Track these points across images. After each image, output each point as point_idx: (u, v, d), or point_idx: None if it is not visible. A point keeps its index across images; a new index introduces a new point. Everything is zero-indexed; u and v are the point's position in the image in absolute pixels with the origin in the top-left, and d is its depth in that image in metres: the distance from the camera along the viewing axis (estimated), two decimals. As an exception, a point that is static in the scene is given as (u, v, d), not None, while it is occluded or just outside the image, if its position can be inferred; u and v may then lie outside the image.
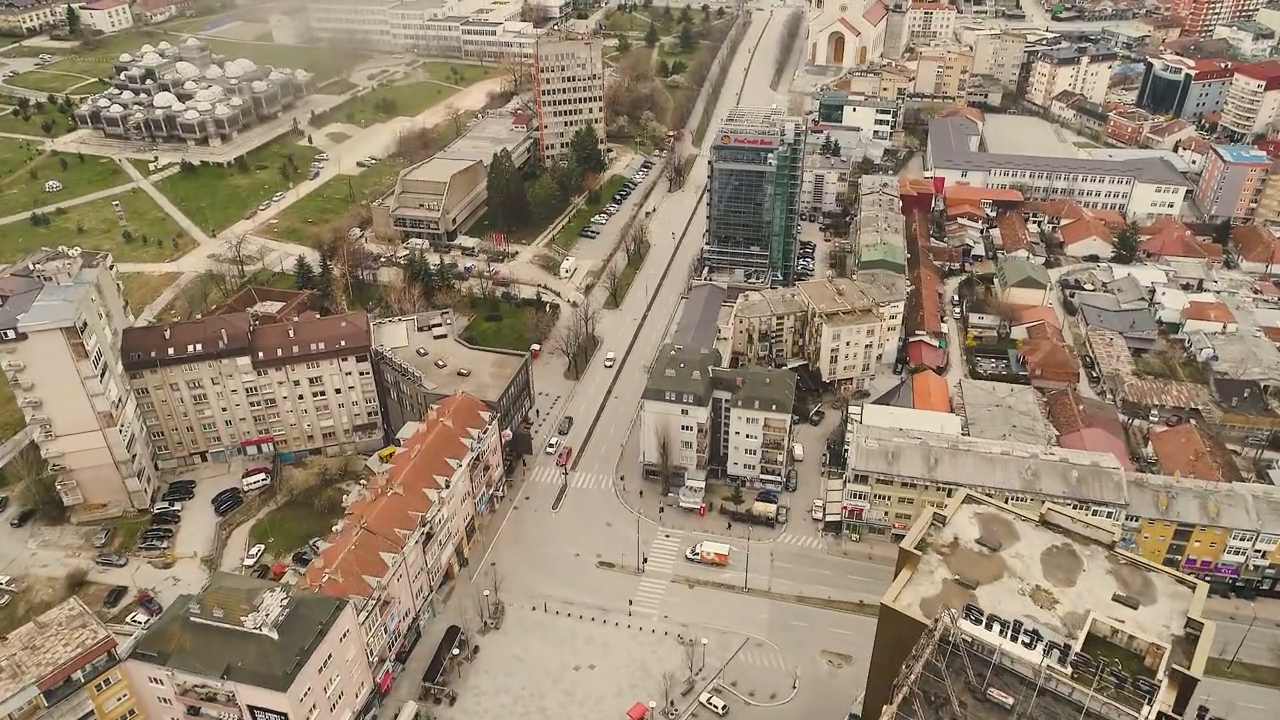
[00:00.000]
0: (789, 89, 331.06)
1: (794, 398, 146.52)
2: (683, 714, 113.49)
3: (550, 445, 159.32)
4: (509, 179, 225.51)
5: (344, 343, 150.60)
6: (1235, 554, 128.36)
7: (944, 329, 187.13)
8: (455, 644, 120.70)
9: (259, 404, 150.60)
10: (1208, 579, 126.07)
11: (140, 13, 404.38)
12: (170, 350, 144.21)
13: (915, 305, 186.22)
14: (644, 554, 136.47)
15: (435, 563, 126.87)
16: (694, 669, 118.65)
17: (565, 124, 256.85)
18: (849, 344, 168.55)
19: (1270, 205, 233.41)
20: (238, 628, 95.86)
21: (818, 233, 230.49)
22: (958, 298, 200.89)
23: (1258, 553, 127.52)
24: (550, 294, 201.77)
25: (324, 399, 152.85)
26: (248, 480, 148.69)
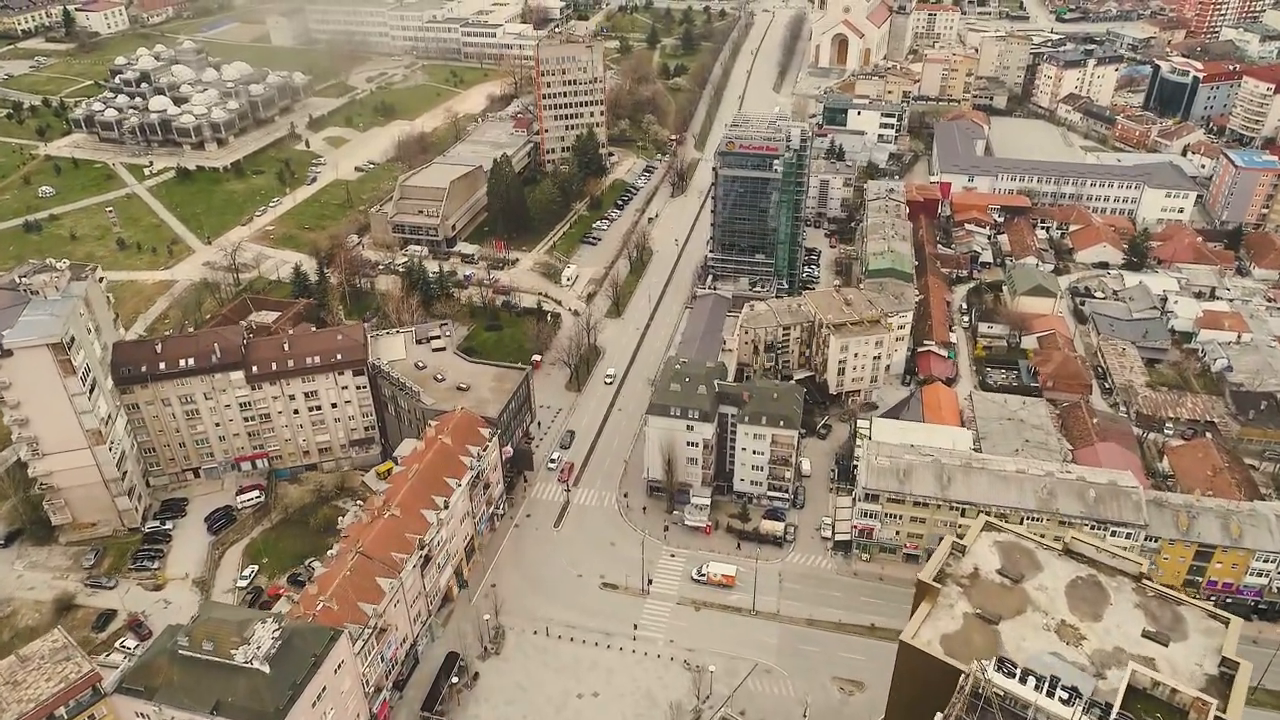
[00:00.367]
0: (792, 92, 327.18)
1: (802, 412, 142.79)
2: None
3: (552, 461, 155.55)
4: (509, 184, 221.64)
5: (340, 356, 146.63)
6: (1258, 576, 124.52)
7: (953, 339, 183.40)
8: (454, 671, 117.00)
9: (253, 419, 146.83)
10: (1229, 601, 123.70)
11: (137, 14, 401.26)
12: (161, 365, 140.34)
13: (923, 314, 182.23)
14: (649, 575, 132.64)
15: (434, 586, 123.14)
16: (701, 697, 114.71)
17: (566, 128, 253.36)
18: (857, 355, 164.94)
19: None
20: (227, 661, 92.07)
21: (823, 239, 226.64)
22: (966, 306, 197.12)
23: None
24: (551, 302, 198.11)
25: (320, 414, 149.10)
26: (242, 497, 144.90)
